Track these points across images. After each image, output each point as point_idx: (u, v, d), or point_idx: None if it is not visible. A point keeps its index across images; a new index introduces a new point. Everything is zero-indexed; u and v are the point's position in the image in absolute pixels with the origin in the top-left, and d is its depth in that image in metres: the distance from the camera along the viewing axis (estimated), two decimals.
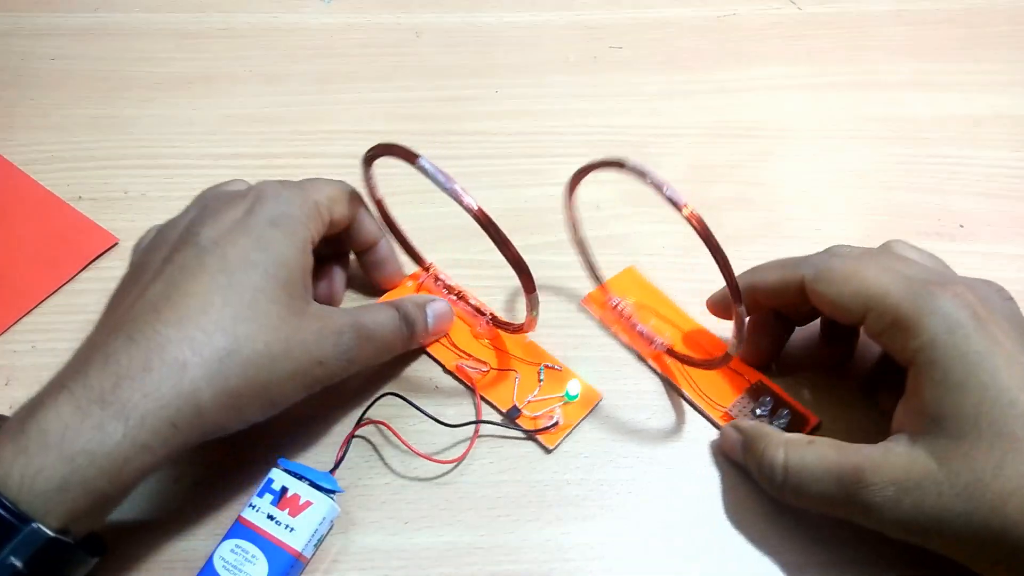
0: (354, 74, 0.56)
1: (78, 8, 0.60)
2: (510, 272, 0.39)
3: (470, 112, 0.54)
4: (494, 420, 0.41)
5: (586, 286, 0.45)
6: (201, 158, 0.51)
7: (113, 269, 0.46)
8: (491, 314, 0.44)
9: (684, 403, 0.42)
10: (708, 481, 0.39)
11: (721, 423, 0.41)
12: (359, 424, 0.40)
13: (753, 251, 0.47)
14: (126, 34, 0.58)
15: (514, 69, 0.57)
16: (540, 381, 0.42)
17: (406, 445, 0.39)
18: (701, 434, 0.41)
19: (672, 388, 0.42)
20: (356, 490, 0.39)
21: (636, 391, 0.42)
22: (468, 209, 0.35)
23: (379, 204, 0.44)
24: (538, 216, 0.49)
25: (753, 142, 0.53)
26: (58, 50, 0.57)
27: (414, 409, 0.40)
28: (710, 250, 0.35)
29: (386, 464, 0.40)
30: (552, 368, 0.42)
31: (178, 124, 0.53)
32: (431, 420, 0.40)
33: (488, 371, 0.42)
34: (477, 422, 0.40)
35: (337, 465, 0.39)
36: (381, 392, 0.41)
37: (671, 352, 0.42)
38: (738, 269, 0.36)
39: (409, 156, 0.37)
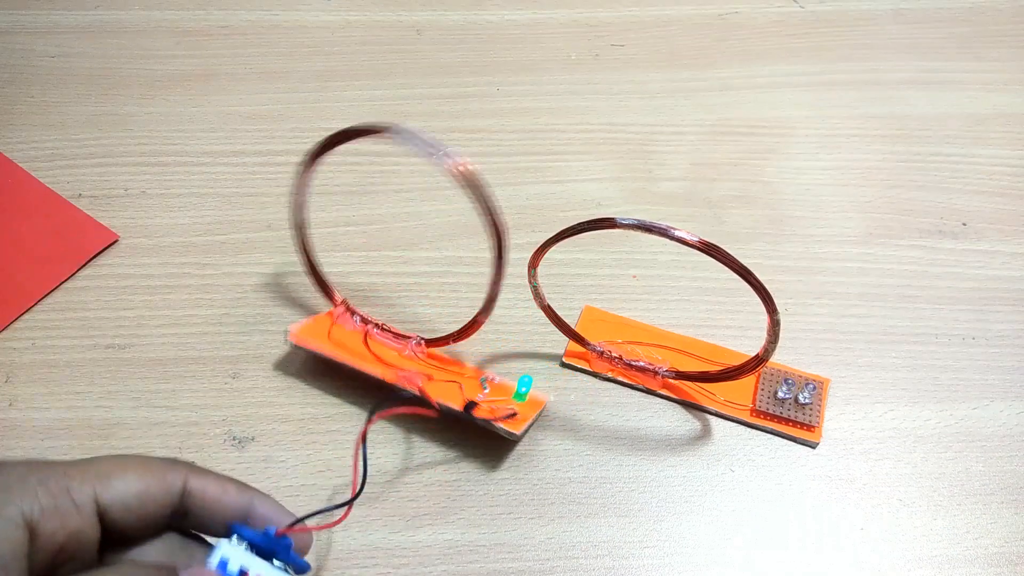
0: (354, 71, 0.56)
1: (78, 6, 0.59)
2: (510, 270, 0.39)
3: (471, 110, 0.54)
4: (455, 409, 0.37)
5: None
6: (201, 155, 0.51)
7: (113, 267, 0.46)
8: (418, 336, 0.42)
9: (681, 400, 0.42)
10: (710, 479, 0.39)
11: (753, 421, 0.41)
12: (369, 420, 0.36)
13: (755, 248, 0.48)
14: (126, 32, 0.58)
15: (515, 67, 0.57)
16: (485, 390, 0.40)
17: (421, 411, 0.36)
18: (702, 432, 0.41)
19: (693, 408, 0.42)
20: None
21: (637, 391, 0.42)
22: (452, 168, 0.34)
23: (299, 229, 0.41)
24: (539, 214, 0.49)
25: (755, 140, 0.53)
26: (58, 48, 0.57)
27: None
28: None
29: (387, 462, 0.39)
30: (494, 381, 0.41)
31: (178, 121, 0.53)
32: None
33: (431, 378, 0.40)
34: (464, 416, 0.37)
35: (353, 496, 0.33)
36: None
37: (681, 375, 0.41)
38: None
39: (376, 131, 0.34)
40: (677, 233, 0.34)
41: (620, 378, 0.42)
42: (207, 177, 0.50)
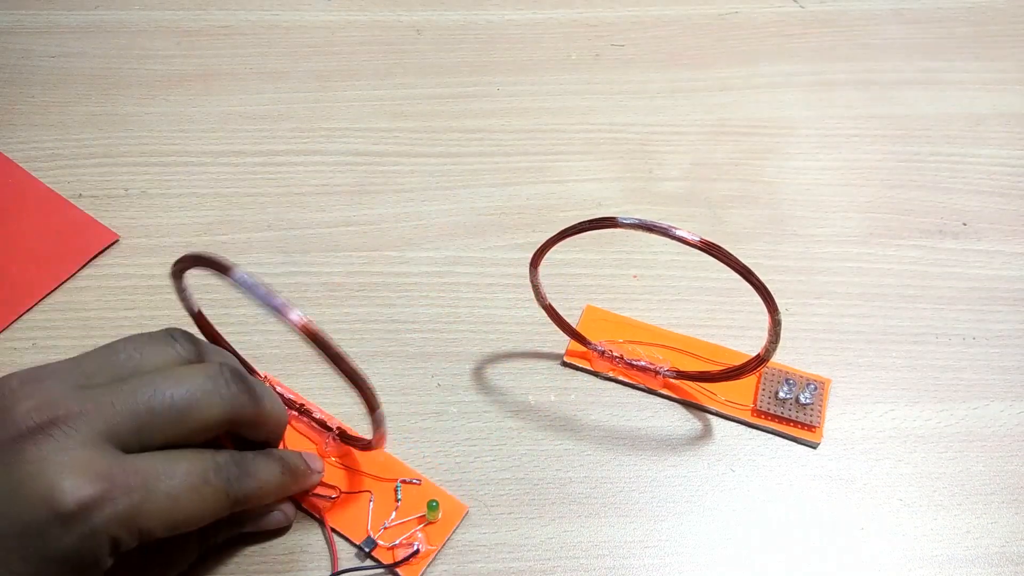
0: (354, 71, 0.56)
1: (78, 6, 0.59)
2: (511, 270, 0.39)
3: (471, 110, 0.54)
4: (350, 566, 0.36)
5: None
6: (201, 155, 0.51)
7: (113, 266, 0.46)
8: (338, 427, 0.39)
9: (681, 400, 0.42)
10: (711, 479, 0.39)
11: (754, 421, 0.41)
12: None
13: (755, 248, 0.48)
14: (126, 31, 0.58)
15: (515, 67, 0.57)
16: (397, 501, 0.37)
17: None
18: (703, 432, 0.41)
19: (693, 408, 0.42)
20: None
21: (637, 391, 0.42)
22: (295, 325, 0.30)
23: (199, 317, 0.38)
24: (539, 214, 0.49)
25: (755, 140, 0.53)
26: (58, 47, 0.57)
27: None
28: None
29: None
30: (410, 483, 0.38)
31: (178, 121, 0.53)
32: None
33: (338, 496, 0.37)
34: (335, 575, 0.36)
35: None
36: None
37: (682, 375, 0.41)
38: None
39: (221, 268, 0.31)
40: (678, 232, 0.34)
41: (621, 378, 0.42)
42: (207, 177, 0.50)
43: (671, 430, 0.41)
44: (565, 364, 0.43)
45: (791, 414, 0.40)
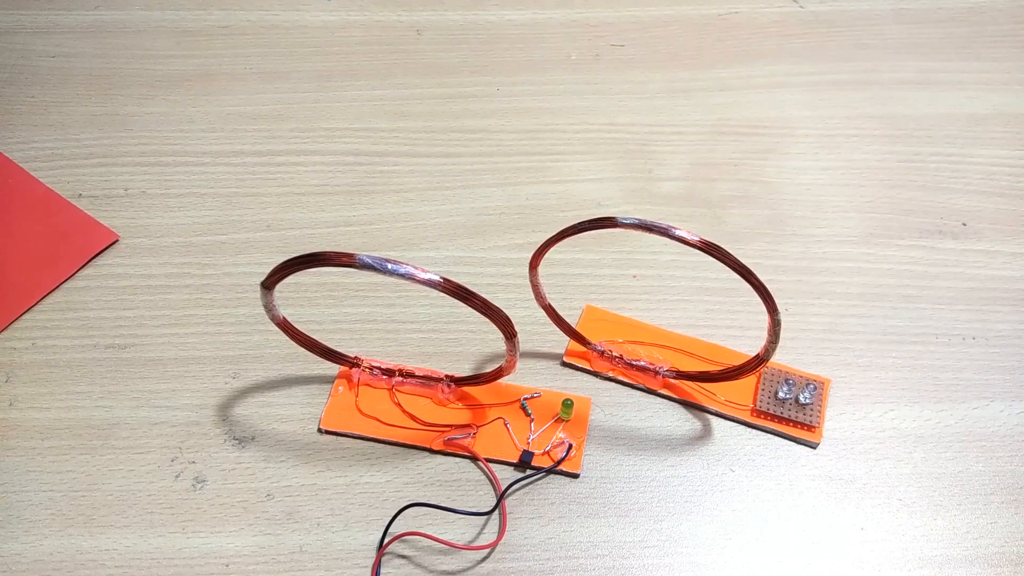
0: (354, 72, 0.56)
1: (78, 6, 0.59)
2: (510, 270, 0.39)
3: (471, 110, 0.54)
4: (515, 478, 0.39)
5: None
6: (201, 155, 0.51)
7: (113, 266, 0.46)
8: (447, 376, 0.41)
9: (681, 400, 0.42)
10: (710, 479, 0.39)
11: (753, 421, 0.41)
12: (384, 545, 0.37)
13: (755, 248, 0.48)
14: (126, 32, 0.58)
15: (515, 67, 0.57)
16: (529, 415, 0.41)
17: (446, 544, 0.37)
18: (703, 432, 0.41)
19: (693, 408, 0.42)
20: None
21: (637, 391, 0.42)
22: (431, 284, 0.33)
23: (283, 324, 0.39)
24: (539, 213, 0.49)
25: (755, 140, 0.53)
26: (58, 48, 0.57)
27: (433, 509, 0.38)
28: None
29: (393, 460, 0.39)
30: (533, 398, 0.41)
31: (178, 121, 0.53)
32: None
33: (475, 432, 0.40)
34: (501, 498, 0.38)
35: None
36: (403, 505, 0.38)
37: (682, 375, 0.42)
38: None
39: (343, 260, 0.32)
40: (678, 232, 0.34)
41: (621, 377, 0.42)
42: (207, 177, 0.50)
43: (671, 430, 0.41)
44: (565, 364, 0.43)
45: (791, 414, 0.40)
